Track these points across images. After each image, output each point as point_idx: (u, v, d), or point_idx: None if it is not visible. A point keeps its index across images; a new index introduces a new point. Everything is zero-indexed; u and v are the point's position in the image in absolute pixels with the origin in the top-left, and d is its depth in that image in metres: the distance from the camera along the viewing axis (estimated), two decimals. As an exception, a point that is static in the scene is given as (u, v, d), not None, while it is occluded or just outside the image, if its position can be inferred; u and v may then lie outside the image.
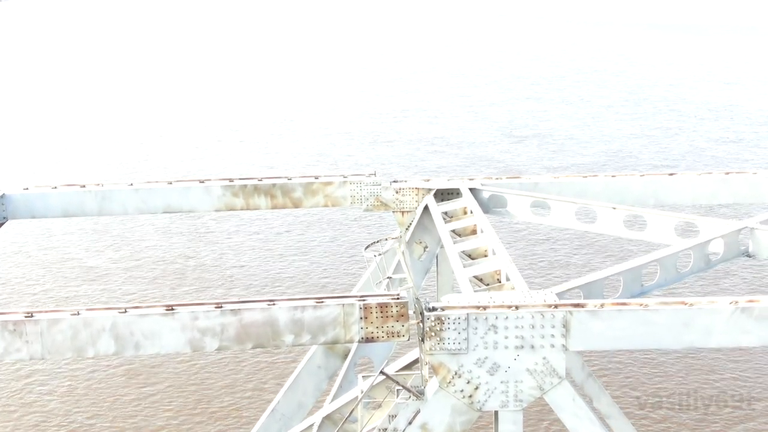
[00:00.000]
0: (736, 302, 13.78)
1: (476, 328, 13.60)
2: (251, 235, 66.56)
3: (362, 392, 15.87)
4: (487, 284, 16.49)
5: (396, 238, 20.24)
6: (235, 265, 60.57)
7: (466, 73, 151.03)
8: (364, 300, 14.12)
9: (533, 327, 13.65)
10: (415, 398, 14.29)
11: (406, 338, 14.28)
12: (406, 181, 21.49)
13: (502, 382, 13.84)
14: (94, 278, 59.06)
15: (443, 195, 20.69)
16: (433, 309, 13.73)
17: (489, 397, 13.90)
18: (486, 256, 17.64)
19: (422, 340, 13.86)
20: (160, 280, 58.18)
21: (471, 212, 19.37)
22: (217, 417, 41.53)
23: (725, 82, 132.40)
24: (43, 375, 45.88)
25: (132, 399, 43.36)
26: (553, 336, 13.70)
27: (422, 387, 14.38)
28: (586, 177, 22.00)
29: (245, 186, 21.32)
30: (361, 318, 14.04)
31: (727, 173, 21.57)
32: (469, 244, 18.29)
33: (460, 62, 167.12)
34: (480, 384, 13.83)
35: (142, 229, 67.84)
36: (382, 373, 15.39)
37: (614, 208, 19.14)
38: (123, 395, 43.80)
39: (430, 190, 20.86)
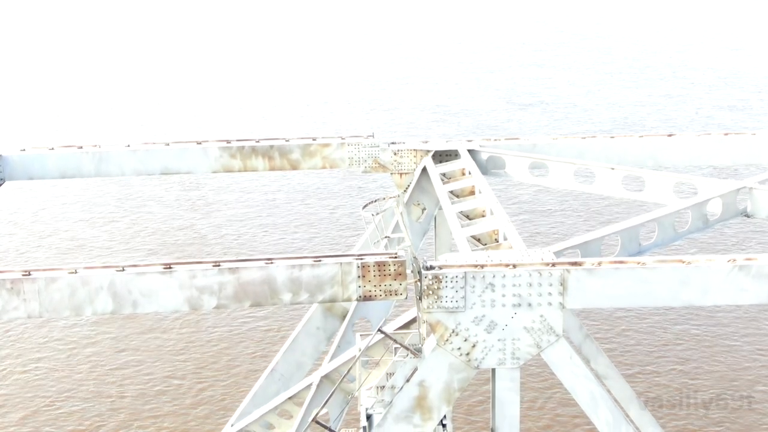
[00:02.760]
0: (734, 260, 13.77)
1: (474, 287, 13.60)
2: (248, 195, 66.58)
3: (360, 351, 15.93)
4: (485, 244, 16.48)
5: (394, 197, 20.19)
6: (233, 228, 60.63)
7: (467, 41, 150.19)
8: (361, 259, 14.10)
9: (530, 285, 13.66)
10: (412, 356, 14.33)
11: (403, 297, 14.29)
12: (404, 143, 21.42)
13: (499, 340, 13.87)
14: (91, 239, 59.15)
15: (441, 156, 20.64)
16: (431, 268, 13.73)
17: (486, 354, 13.94)
18: (484, 216, 17.63)
19: (420, 299, 13.87)
20: (158, 240, 58.32)
21: (469, 173, 19.33)
22: (217, 378, 41.77)
23: (731, 48, 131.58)
24: (42, 336, 46.15)
25: (131, 360, 43.59)
26: (550, 294, 13.70)
27: (420, 345, 14.42)
28: (584, 138, 21.94)
29: (243, 147, 21.24)
30: (358, 276, 14.03)
31: (726, 134, 21.52)
32: (467, 204, 18.28)
33: (462, 30, 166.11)
34: (477, 342, 13.86)
35: (140, 190, 67.90)
36: (380, 331, 15.44)
37: (612, 169, 19.11)
38: (122, 356, 44.04)
39: (428, 151, 20.80)
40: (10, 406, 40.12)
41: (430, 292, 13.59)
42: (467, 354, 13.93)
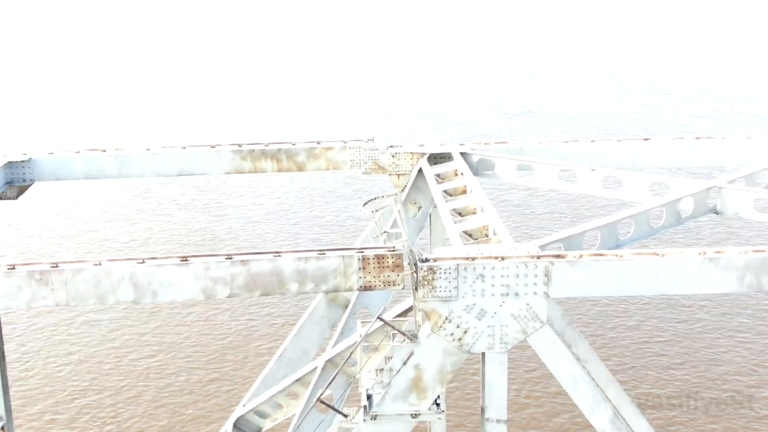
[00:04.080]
0: (704, 253, 13.83)
1: (465, 277, 13.66)
2: (258, 193, 66.59)
3: (361, 337, 15.98)
4: (476, 238, 16.52)
5: (392, 195, 20.23)
6: (244, 224, 60.66)
7: (462, 54, 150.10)
8: (362, 252, 14.15)
9: (517, 276, 13.72)
10: (409, 341, 14.39)
11: (401, 287, 14.34)
12: (401, 146, 21.40)
13: (488, 326, 13.93)
14: (113, 236, 59.13)
15: (436, 159, 20.63)
16: (426, 260, 13.79)
17: (477, 340, 14.00)
18: (475, 213, 17.66)
19: (416, 289, 13.93)
20: (175, 237, 58.33)
21: (461, 174, 19.35)
22: (229, 363, 41.81)
23: (706, 62, 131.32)
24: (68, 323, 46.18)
25: (149, 350, 43.63)
26: (535, 284, 13.76)
27: (416, 331, 14.47)
28: (567, 142, 21.93)
29: (253, 150, 21.24)
30: (359, 268, 14.08)
31: (698, 138, 21.52)
32: (459, 202, 18.31)
33: (458, 44, 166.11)
34: (468, 328, 13.92)
35: (158, 190, 67.90)
36: (379, 318, 15.49)
37: (593, 170, 19.12)
38: (140, 346, 44.09)
39: (423, 154, 20.80)
40: (35, 395, 40.17)
41: (425, 282, 13.66)
42: (459, 339, 13.99)
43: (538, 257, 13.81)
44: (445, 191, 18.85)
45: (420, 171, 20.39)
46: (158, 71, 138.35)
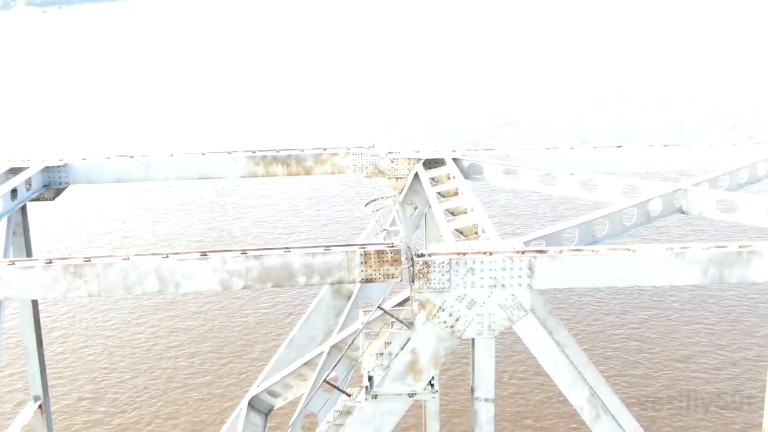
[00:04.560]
0: (672, 249, 13.80)
1: (457, 271, 13.63)
2: (269, 193, 66.53)
3: (363, 324, 15.95)
4: (466, 236, 16.46)
5: (391, 197, 20.17)
6: (257, 222, 60.63)
7: (455, 70, 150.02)
8: (364, 248, 14.13)
9: (504, 269, 13.69)
10: (406, 329, 14.35)
11: (399, 279, 14.31)
12: (399, 152, 21.34)
13: (478, 315, 13.90)
14: (139, 234, 59.07)
15: (430, 164, 20.56)
16: (422, 255, 13.75)
17: (467, 327, 13.97)
18: (465, 213, 17.61)
19: (412, 281, 13.90)
20: (195, 235, 58.30)
21: (453, 177, 19.30)
22: (244, 349, 41.77)
23: (675, 77, 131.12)
24: (98, 312, 46.16)
25: (171, 332, 43.60)
26: (520, 277, 13.73)
27: (412, 319, 14.43)
28: (549, 149, 21.88)
29: (265, 156, 21.20)
30: (361, 263, 14.05)
31: (665, 146, 21.49)
32: (451, 203, 18.24)
33: (451, 61, 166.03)
34: (460, 316, 13.89)
35: (180, 193, 67.85)
36: (379, 308, 15.45)
37: (572, 174, 19.09)
38: (165, 328, 44.06)
39: (419, 159, 20.74)
40: (68, 376, 40.15)
41: (421, 275, 13.63)
42: (451, 326, 13.97)
43: (523, 252, 13.78)
44: (439, 193, 18.80)
45: (416, 175, 20.34)
46: (181, 83, 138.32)
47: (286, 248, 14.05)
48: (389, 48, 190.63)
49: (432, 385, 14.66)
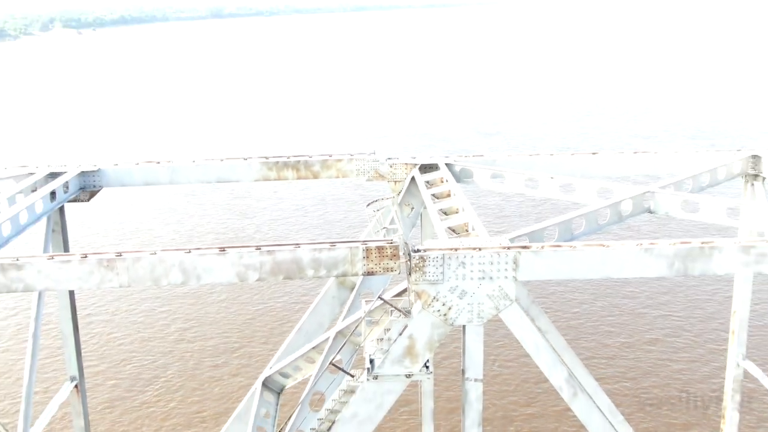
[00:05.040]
0: (641, 244, 13.75)
1: (450, 265, 13.54)
2: (280, 196, 66.47)
3: (365, 313, 15.90)
4: (458, 233, 16.36)
5: (390, 198, 20.08)
6: (269, 222, 60.55)
7: (448, 86, 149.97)
8: (366, 244, 14.03)
9: (491, 263, 13.61)
10: (404, 317, 14.30)
11: (397, 272, 14.23)
12: (397, 158, 21.15)
13: (468, 304, 13.81)
14: (164, 232, 59.00)
15: (425, 168, 20.39)
16: (418, 251, 13.65)
17: (458, 315, 13.88)
18: (457, 212, 17.52)
19: (409, 274, 13.80)
20: (213, 233, 58.23)
21: (446, 181, 19.18)
22: (258, 335, 41.77)
23: (645, 92, 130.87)
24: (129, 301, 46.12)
25: (193, 319, 43.57)
26: (506, 270, 13.65)
27: (409, 308, 14.36)
28: (531, 155, 21.74)
29: (277, 162, 21.03)
30: (363, 257, 13.96)
31: (635, 152, 21.40)
32: (444, 204, 18.14)
33: (444, 79, 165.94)
34: (452, 305, 13.81)
35: (201, 195, 67.77)
36: (379, 298, 15.37)
37: (552, 178, 19.00)
38: (187, 316, 44.04)
39: (415, 164, 20.58)
40: (100, 358, 40.17)
41: (417, 268, 13.54)
42: (444, 315, 13.89)
43: (508, 248, 13.70)
44: (433, 195, 18.69)
45: (413, 178, 20.21)
46: (202, 97, 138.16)
47: (296, 244, 13.98)
48: (389, 65, 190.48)
49: (427, 367, 14.59)
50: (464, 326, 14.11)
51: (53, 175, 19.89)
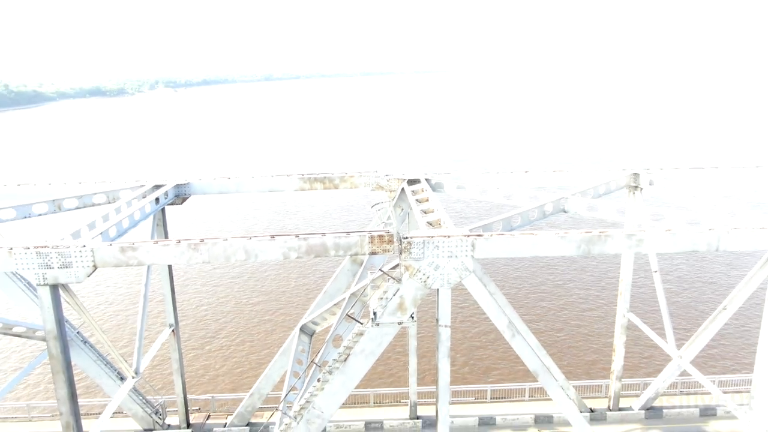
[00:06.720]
0: (558, 233, 13.75)
1: (428, 247, 13.53)
2: (311, 201, 66.31)
3: (371, 281, 15.89)
4: (434, 226, 16.31)
5: (387, 202, 20.06)
6: (305, 220, 60.34)
7: (427, 124, 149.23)
8: (371, 233, 14.02)
9: (457, 246, 13.61)
10: (397, 283, 14.29)
11: (392, 253, 14.22)
12: (392, 175, 20.96)
13: (441, 274, 13.81)
14: (233, 227, 58.82)
15: (412, 182, 20.28)
16: (406, 238, 13.67)
17: (434, 281, 13.85)
18: (433, 212, 17.41)
19: (400, 253, 13.82)
20: (266, 227, 58.02)
21: (425, 190, 19.12)
22: (297, 294, 41.59)
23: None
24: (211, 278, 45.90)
25: (252, 283, 43.34)
26: (466, 251, 13.64)
27: (401, 277, 14.37)
28: (483, 173, 21.58)
29: (309, 177, 20.95)
30: (369, 242, 13.95)
31: (554, 171, 21.29)
32: (424, 206, 18.02)
33: (423, 121, 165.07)
34: (430, 275, 13.80)
35: (258, 201, 67.56)
36: (380, 270, 15.39)
37: (498, 188, 18.96)
38: (249, 281, 43.84)
39: (404, 179, 20.56)
40: (190, 307, 39.89)
41: (406, 250, 13.54)
42: (425, 281, 13.88)
43: (468, 236, 13.70)
44: (417, 200, 18.63)
45: (402, 189, 20.21)
46: (260, 134, 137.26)
47: (323, 233, 14.01)
48: (389, 112, 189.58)
49: (412, 317, 14.61)
50: (438, 289, 14.14)
51: (157, 187, 19.90)
